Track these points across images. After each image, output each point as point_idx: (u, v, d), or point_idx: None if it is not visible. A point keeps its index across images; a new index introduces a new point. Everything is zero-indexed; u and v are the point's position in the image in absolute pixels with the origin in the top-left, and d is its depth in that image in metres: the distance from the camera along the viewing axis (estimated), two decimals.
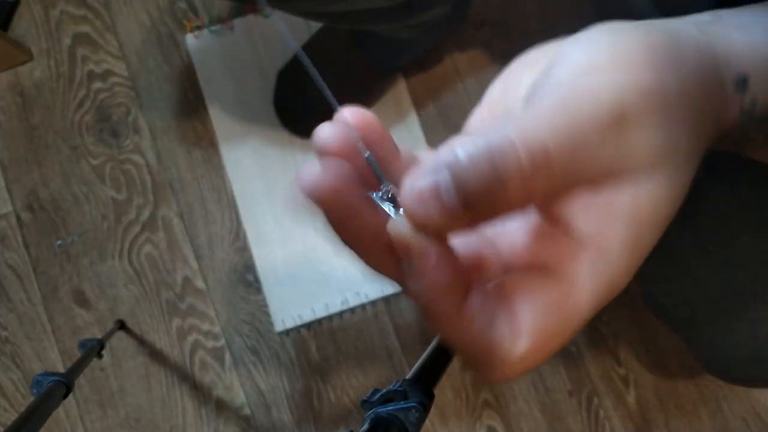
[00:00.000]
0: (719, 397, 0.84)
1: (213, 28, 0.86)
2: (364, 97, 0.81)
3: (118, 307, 0.86)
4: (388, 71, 0.80)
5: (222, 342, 0.85)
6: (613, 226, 0.21)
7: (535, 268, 0.22)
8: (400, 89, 0.86)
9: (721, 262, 0.49)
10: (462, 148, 0.19)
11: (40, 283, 0.86)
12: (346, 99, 0.76)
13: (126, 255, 0.86)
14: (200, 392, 0.85)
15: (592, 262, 0.21)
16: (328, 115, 0.82)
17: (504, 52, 0.89)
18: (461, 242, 0.23)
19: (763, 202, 0.44)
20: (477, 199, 0.18)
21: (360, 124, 0.23)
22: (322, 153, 0.23)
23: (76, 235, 0.87)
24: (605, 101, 0.20)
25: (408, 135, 0.85)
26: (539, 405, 0.84)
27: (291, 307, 0.83)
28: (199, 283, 0.85)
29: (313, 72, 0.24)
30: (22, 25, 0.91)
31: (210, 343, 0.85)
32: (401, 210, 0.20)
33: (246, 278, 0.85)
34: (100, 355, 0.72)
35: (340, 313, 0.85)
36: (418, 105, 0.87)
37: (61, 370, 0.84)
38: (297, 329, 0.84)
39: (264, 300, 0.84)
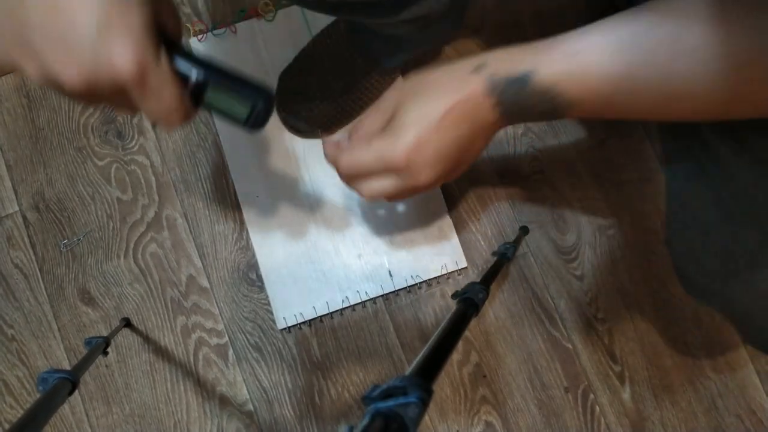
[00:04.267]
0: (714, 394, 0.85)
1: (216, 31, 0.87)
2: (364, 96, 0.82)
3: (124, 305, 0.87)
4: (387, 71, 0.81)
5: (225, 339, 0.86)
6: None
7: None
8: None
9: (745, 227, 0.49)
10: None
11: (46, 281, 0.87)
12: (346, 99, 0.79)
13: (131, 254, 0.87)
14: (204, 388, 0.86)
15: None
16: (328, 115, 0.86)
17: None
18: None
19: None
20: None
21: None
22: None
23: (82, 235, 0.88)
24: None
25: None
26: (536, 401, 0.85)
27: (293, 304, 0.84)
28: (203, 282, 0.86)
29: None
30: None
31: (214, 341, 0.86)
32: None
33: (249, 277, 0.86)
34: (105, 353, 0.72)
35: (341, 311, 0.86)
36: None
37: (67, 367, 0.86)
38: (299, 326, 0.85)
39: (266, 298, 0.85)
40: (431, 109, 0.46)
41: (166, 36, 0.40)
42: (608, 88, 0.41)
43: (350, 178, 0.53)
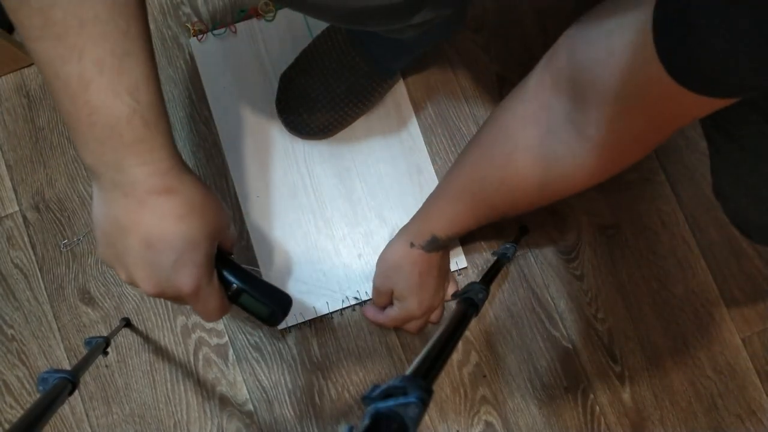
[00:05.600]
0: (714, 395, 0.85)
1: (216, 31, 0.87)
2: (365, 99, 0.82)
3: (124, 305, 0.87)
4: (388, 73, 0.81)
5: (225, 339, 0.86)
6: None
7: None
8: (400, 91, 0.87)
9: None
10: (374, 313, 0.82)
11: (46, 281, 0.87)
12: (347, 100, 0.78)
13: None
14: (204, 388, 0.86)
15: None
16: (329, 117, 0.86)
17: (501, 56, 0.90)
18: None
19: None
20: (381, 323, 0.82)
21: None
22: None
23: (82, 235, 0.88)
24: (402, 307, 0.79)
25: (407, 136, 0.86)
26: (536, 401, 0.85)
27: (293, 304, 0.84)
28: None
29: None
30: None
31: (214, 341, 0.86)
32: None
33: None
34: (105, 353, 0.72)
35: (341, 311, 0.86)
36: (417, 107, 0.88)
37: (67, 367, 0.86)
38: (298, 326, 0.85)
39: None
40: (411, 279, 0.75)
41: (221, 252, 0.56)
42: (471, 222, 0.69)
43: (399, 326, 0.81)
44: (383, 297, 0.79)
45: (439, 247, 0.74)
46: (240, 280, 0.57)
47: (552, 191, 0.60)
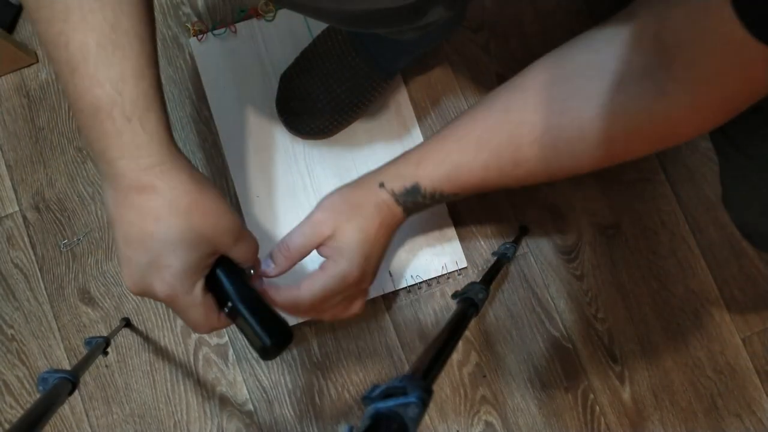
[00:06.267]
0: (714, 394, 0.85)
1: (216, 31, 0.87)
2: (365, 99, 0.82)
3: (124, 305, 0.87)
4: (389, 73, 0.81)
5: (225, 339, 0.86)
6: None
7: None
8: (400, 91, 0.87)
9: None
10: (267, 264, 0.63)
11: (46, 281, 0.87)
12: (347, 101, 0.79)
13: None
14: (204, 388, 0.86)
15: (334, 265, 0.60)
16: (330, 117, 0.86)
17: (501, 56, 0.90)
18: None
19: None
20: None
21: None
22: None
23: (82, 235, 0.88)
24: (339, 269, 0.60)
25: (407, 136, 0.86)
26: (536, 401, 0.85)
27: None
28: None
29: None
30: (28, 27, 0.92)
31: (214, 341, 0.86)
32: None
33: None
34: (105, 353, 0.72)
35: None
36: (417, 107, 0.88)
37: (67, 367, 0.86)
38: (299, 326, 0.85)
39: None
40: (367, 227, 0.59)
41: (230, 263, 0.52)
42: (476, 180, 0.58)
43: (319, 305, 0.62)
44: (312, 239, 0.61)
45: (414, 203, 0.61)
46: (239, 300, 0.51)
47: (615, 151, 0.53)
